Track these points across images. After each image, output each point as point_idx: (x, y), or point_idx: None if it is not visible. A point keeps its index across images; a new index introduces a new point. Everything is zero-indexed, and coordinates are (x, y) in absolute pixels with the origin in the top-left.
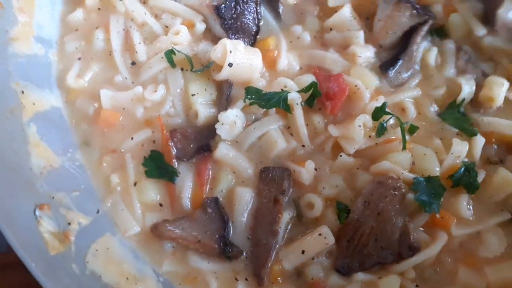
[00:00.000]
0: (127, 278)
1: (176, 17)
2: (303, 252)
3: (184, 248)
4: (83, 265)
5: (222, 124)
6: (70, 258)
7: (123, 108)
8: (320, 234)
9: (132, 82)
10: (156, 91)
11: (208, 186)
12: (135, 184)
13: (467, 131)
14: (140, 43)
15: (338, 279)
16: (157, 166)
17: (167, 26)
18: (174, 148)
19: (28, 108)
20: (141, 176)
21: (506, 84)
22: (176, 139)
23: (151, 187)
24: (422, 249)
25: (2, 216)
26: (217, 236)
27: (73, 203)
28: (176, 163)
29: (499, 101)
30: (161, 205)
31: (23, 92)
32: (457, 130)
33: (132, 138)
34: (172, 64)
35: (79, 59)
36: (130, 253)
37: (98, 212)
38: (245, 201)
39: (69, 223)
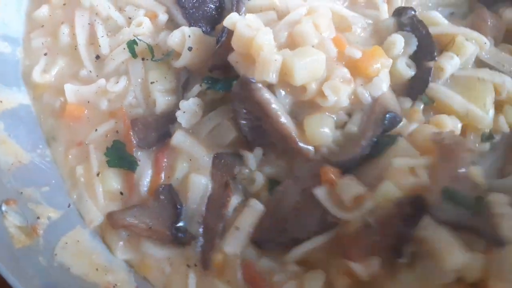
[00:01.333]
0: (97, 269)
1: (139, 9)
2: (237, 228)
3: (138, 236)
4: (51, 257)
5: (184, 112)
6: (37, 251)
7: (88, 102)
8: (249, 206)
9: (97, 75)
10: (118, 82)
11: (164, 174)
12: (98, 175)
13: None
14: (103, 36)
15: (269, 262)
16: (119, 156)
17: (130, 18)
18: (136, 137)
19: None
20: (104, 166)
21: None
22: (137, 128)
23: (113, 176)
24: None
25: None
26: (169, 223)
27: (43, 198)
28: (138, 152)
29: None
30: (121, 193)
31: None
32: None
33: (96, 130)
34: (134, 54)
35: (45, 54)
36: (100, 244)
37: (69, 206)
38: (198, 188)
39: (38, 217)
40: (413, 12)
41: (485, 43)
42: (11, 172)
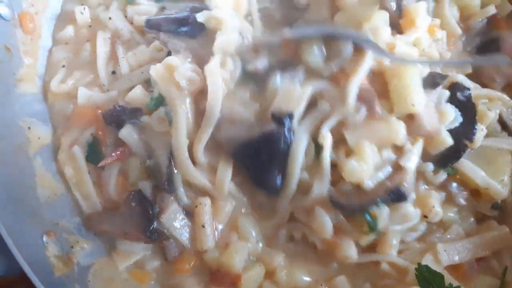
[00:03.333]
0: None
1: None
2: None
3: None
4: (85, 284)
5: None
6: (73, 278)
7: (97, 107)
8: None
9: (108, 90)
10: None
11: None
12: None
13: None
14: (123, 57)
15: None
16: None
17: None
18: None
19: (34, 142)
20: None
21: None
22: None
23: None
24: None
25: (15, 243)
26: (142, 227)
27: (75, 228)
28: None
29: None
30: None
31: (29, 128)
32: None
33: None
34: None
35: (63, 66)
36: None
37: (95, 234)
38: None
39: (71, 247)
40: (469, 93)
41: (509, 100)
42: (48, 204)
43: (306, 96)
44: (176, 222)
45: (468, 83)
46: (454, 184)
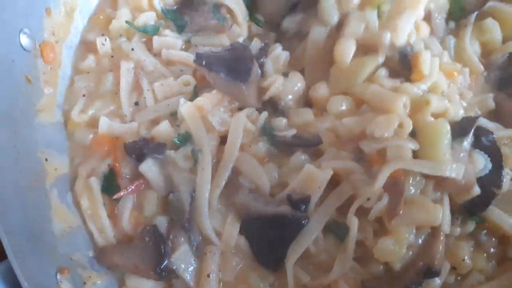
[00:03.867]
0: None
1: (187, 67)
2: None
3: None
4: None
5: None
6: None
7: (116, 137)
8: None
9: (130, 121)
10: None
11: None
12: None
13: None
14: (148, 89)
15: None
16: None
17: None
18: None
19: (51, 174)
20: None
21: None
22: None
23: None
24: None
25: (29, 281)
26: (154, 263)
27: (88, 262)
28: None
29: None
30: None
31: (46, 159)
32: None
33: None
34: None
35: (84, 95)
36: None
37: (107, 268)
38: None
39: (84, 283)
40: (494, 137)
41: None
42: (63, 238)
43: (326, 180)
44: (184, 264)
45: (490, 125)
46: (483, 232)
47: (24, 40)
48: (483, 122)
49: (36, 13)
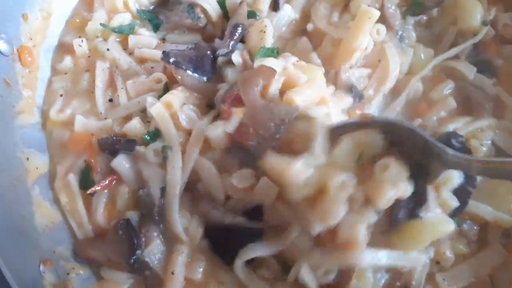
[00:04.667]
0: None
1: (158, 64)
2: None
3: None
4: None
5: None
6: None
7: (92, 134)
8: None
9: (105, 118)
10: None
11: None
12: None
13: None
14: (122, 88)
15: None
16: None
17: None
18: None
19: (32, 172)
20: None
21: None
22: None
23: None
24: None
25: (13, 274)
26: (126, 255)
27: (70, 255)
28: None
29: None
30: None
31: (28, 159)
32: None
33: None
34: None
35: (61, 95)
36: None
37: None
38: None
39: (67, 273)
40: (463, 139)
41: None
42: (45, 233)
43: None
44: (156, 257)
45: (459, 125)
46: (466, 222)
47: (2, 45)
48: (452, 127)
49: (13, 19)
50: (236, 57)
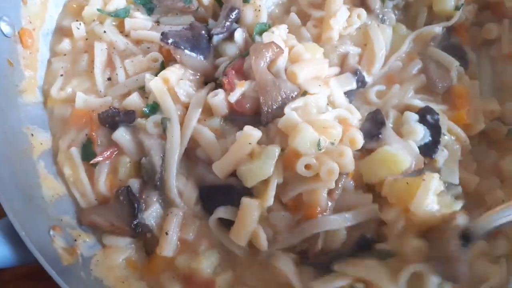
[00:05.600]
0: (123, 282)
1: (153, 44)
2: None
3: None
4: (88, 272)
5: None
6: (78, 268)
7: (93, 111)
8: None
9: (104, 95)
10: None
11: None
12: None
13: None
14: (121, 67)
15: None
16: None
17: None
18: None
19: (37, 147)
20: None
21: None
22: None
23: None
24: None
25: (29, 236)
26: (128, 220)
27: (77, 224)
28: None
29: None
30: None
31: (32, 134)
32: None
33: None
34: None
35: (61, 75)
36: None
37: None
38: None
39: (75, 240)
40: (438, 117)
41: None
42: (52, 203)
43: None
44: (155, 221)
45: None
46: None
47: (5, 27)
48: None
49: (13, 2)
50: (238, 34)
